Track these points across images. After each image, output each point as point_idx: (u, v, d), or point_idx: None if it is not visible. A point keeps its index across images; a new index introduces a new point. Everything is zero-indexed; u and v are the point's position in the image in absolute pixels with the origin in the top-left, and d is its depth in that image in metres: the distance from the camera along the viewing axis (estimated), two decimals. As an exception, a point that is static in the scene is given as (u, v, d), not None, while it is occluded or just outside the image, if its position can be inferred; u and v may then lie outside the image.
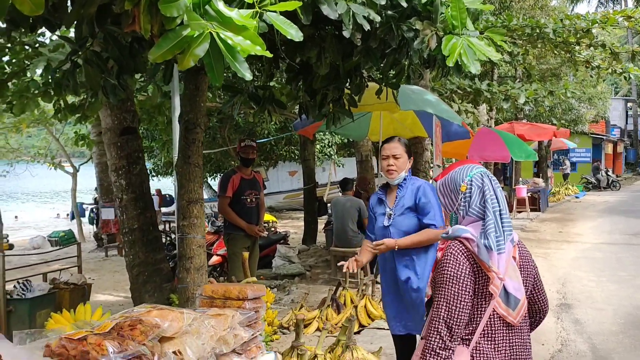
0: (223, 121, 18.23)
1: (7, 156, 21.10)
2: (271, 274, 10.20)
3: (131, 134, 6.94)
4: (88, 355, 1.58)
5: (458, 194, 2.49)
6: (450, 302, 2.31)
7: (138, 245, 6.80)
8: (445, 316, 2.31)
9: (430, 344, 2.32)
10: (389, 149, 3.98)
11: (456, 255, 2.36)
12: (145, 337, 1.70)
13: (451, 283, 2.32)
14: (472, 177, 2.47)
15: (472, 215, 2.43)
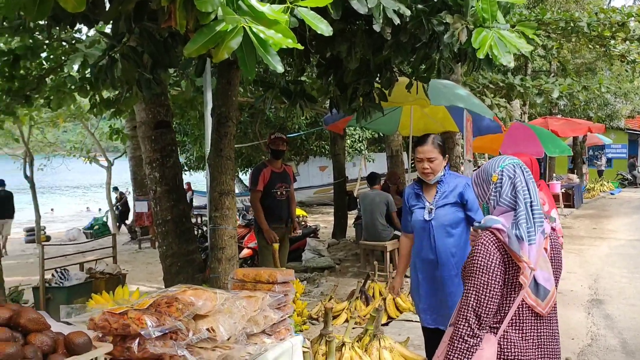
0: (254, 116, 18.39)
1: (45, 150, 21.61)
2: (301, 267, 10.30)
3: (165, 128, 7.08)
4: (129, 329, 1.68)
5: (489, 184, 2.53)
6: (479, 291, 2.36)
7: (171, 236, 6.95)
8: (475, 305, 2.36)
9: (458, 331, 2.39)
10: (422, 153, 3.93)
11: (487, 245, 2.40)
12: (180, 313, 1.79)
13: (481, 272, 2.37)
14: (503, 168, 2.51)
15: (503, 205, 2.47)
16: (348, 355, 4.00)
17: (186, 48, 2.78)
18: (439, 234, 3.90)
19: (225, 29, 2.75)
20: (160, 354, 1.74)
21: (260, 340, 2.29)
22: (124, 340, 1.74)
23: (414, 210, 4.07)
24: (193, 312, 1.86)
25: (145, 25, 4.13)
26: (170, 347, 1.75)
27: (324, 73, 6.36)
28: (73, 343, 1.55)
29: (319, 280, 9.33)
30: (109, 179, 19.44)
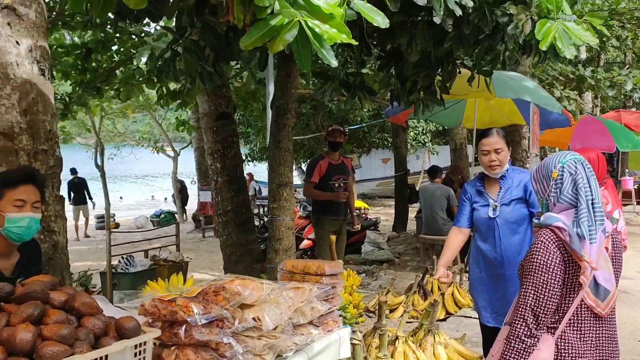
0: (317, 108, 18.49)
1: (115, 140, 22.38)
2: (360, 260, 10.32)
3: (226, 119, 7.22)
4: (176, 315, 1.75)
5: (550, 181, 2.48)
6: (538, 291, 2.32)
7: (231, 226, 7.10)
8: (533, 304, 2.33)
9: (515, 330, 2.35)
10: (489, 144, 3.77)
11: (547, 244, 2.35)
12: (227, 302, 1.84)
13: (541, 272, 2.33)
14: (564, 164, 2.45)
15: (563, 202, 2.42)
16: (401, 349, 4.00)
17: (242, 41, 2.83)
18: (504, 231, 3.78)
19: (281, 23, 2.79)
20: (206, 340, 1.78)
21: (307, 331, 2.32)
22: (172, 326, 1.80)
23: (477, 207, 3.94)
24: (239, 301, 1.91)
25: (207, 20, 4.23)
26: (216, 335, 1.80)
27: (385, 65, 6.34)
28: (123, 327, 1.62)
29: (378, 273, 9.32)
30: (175, 168, 19.95)
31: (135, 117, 22.80)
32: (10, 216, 2.59)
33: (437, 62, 5.94)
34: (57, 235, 3.56)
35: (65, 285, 3.03)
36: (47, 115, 3.58)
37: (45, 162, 3.53)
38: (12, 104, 3.43)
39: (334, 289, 2.53)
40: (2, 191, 2.63)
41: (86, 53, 9.41)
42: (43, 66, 3.59)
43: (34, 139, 3.49)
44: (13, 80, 3.44)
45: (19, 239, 2.67)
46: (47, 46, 3.66)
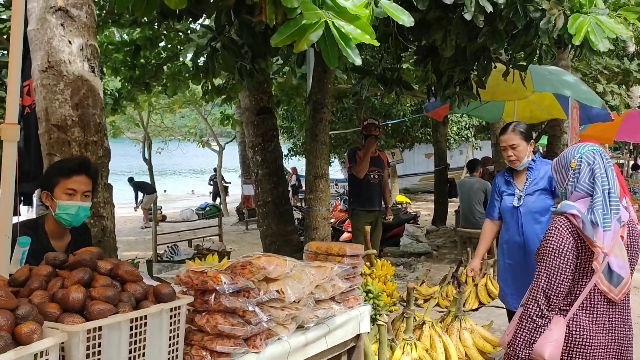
0: (359, 103, 18.59)
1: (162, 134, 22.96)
2: (398, 252, 10.46)
3: (267, 114, 7.47)
4: (207, 284, 1.97)
5: (568, 171, 2.59)
6: (550, 274, 2.46)
7: (270, 217, 7.35)
8: (545, 287, 2.46)
9: (528, 311, 2.50)
10: (504, 141, 3.97)
11: (560, 229, 2.47)
12: (252, 275, 2.06)
13: (553, 256, 2.46)
14: (582, 154, 2.56)
15: (580, 191, 2.53)
16: (427, 333, 4.15)
17: (273, 39, 3.05)
18: (527, 220, 3.92)
19: (309, 23, 3.00)
20: (234, 307, 2.00)
21: (329, 306, 2.52)
22: (203, 294, 2.03)
23: (504, 197, 4.09)
24: (264, 275, 2.12)
25: (244, 18, 4.46)
26: (242, 303, 2.01)
27: (422, 60, 6.45)
28: (160, 293, 1.84)
29: (415, 266, 9.45)
30: (220, 162, 20.37)
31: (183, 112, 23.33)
32: (62, 203, 2.87)
33: (473, 57, 6.03)
34: (106, 220, 3.85)
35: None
36: (97, 109, 3.87)
37: (95, 152, 3.81)
38: (65, 98, 3.73)
39: (355, 269, 2.73)
40: (58, 179, 2.92)
41: (135, 50, 9.77)
42: (93, 63, 3.87)
43: (85, 131, 3.78)
44: (66, 77, 3.73)
45: (67, 224, 2.95)
46: (96, 45, 3.94)
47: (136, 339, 1.75)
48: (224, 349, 1.95)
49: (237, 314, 2.04)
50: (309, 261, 2.67)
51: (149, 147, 18.00)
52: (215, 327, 1.96)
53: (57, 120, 3.72)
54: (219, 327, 1.96)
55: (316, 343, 2.42)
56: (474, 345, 4.32)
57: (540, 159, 4.08)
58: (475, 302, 6.81)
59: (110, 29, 13.92)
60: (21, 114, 3.96)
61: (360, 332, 2.79)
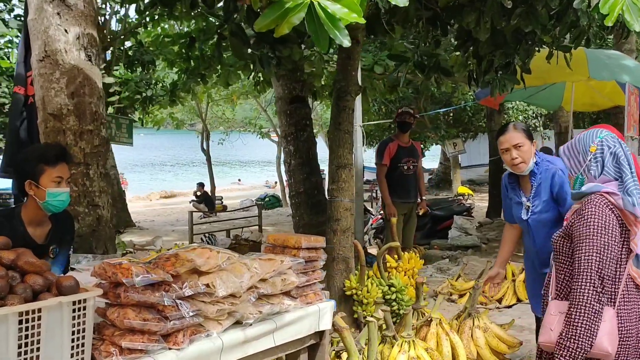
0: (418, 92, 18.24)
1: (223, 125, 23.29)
2: (446, 245, 10.17)
3: (300, 103, 7.36)
4: (117, 277, 1.89)
5: (587, 155, 2.46)
6: (601, 253, 2.24)
7: (303, 207, 7.26)
8: (598, 268, 2.23)
9: (584, 297, 2.21)
10: (506, 141, 3.49)
11: (601, 207, 2.31)
12: (173, 267, 1.96)
13: (600, 234, 2.26)
14: (602, 139, 2.46)
15: (607, 175, 2.40)
16: (434, 331, 3.95)
17: (256, 23, 2.90)
18: (537, 233, 3.57)
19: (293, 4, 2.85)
20: (146, 301, 1.91)
21: (279, 301, 2.39)
22: (116, 287, 1.95)
23: (513, 204, 3.71)
24: (190, 268, 2.01)
25: (250, 4, 4.35)
26: (158, 297, 1.91)
27: (462, 45, 6.20)
28: (61, 285, 1.77)
29: (461, 259, 9.14)
30: (279, 153, 20.46)
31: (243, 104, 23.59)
32: (52, 191, 2.88)
33: (513, 40, 5.73)
34: (101, 210, 3.86)
35: (109, 255, 3.31)
36: (94, 98, 3.87)
37: (91, 141, 3.82)
38: (61, 87, 3.75)
39: (313, 262, 2.58)
40: (42, 167, 2.92)
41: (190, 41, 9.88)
42: (90, 52, 3.88)
43: (80, 120, 3.79)
44: (62, 66, 3.75)
45: (56, 210, 2.97)
46: (95, 34, 3.95)
47: (27, 333, 1.67)
48: (132, 345, 1.86)
49: (156, 308, 1.95)
50: (260, 253, 2.54)
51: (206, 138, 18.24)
52: (128, 322, 1.87)
53: (52, 109, 3.74)
54: (130, 322, 1.87)
55: (260, 340, 2.30)
56: (487, 345, 4.08)
57: (542, 157, 3.69)
58: (513, 299, 6.52)
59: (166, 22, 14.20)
60: (24, 103, 4.01)
61: (321, 329, 2.64)
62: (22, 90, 3.98)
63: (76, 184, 3.73)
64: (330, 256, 5.57)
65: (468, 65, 6.84)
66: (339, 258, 5.49)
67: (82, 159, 3.77)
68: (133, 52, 12.80)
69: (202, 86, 14.49)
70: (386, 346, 3.74)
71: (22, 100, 3.98)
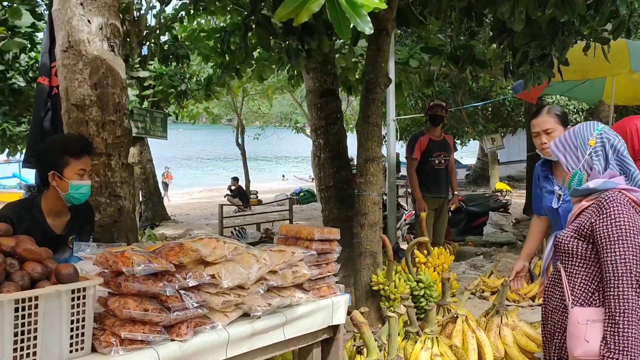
0: (457, 86, 17.99)
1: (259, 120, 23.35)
2: (480, 241, 9.98)
3: (330, 96, 7.26)
4: (117, 265, 1.84)
5: (585, 149, 2.31)
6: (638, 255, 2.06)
7: (332, 201, 7.17)
8: (637, 271, 2.05)
9: (629, 303, 2.01)
10: (537, 125, 3.42)
11: (626, 205, 2.13)
12: (176, 257, 1.90)
13: (633, 234, 2.07)
14: (601, 131, 2.32)
15: (612, 168, 2.25)
16: (459, 328, 3.83)
17: (277, 13, 2.85)
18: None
19: (313, -8, 2.78)
20: (145, 290, 1.86)
21: (290, 294, 2.33)
22: (118, 276, 1.90)
23: (544, 193, 3.55)
24: (194, 258, 1.96)
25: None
26: (160, 287, 1.87)
27: (497, 37, 6.07)
28: (60, 273, 1.74)
29: (496, 256, 8.96)
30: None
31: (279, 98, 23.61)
32: (75, 183, 2.89)
33: (550, 31, 5.57)
34: (123, 200, 3.84)
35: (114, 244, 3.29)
36: (117, 89, 3.85)
37: (113, 132, 3.81)
38: (84, 78, 3.74)
39: (327, 255, 2.51)
40: (67, 159, 2.92)
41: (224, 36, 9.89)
42: (113, 43, 3.86)
43: (103, 110, 3.77)
44: (85, 57, 3.74)
45: (77, 202, 2.98)
46: (118, 24, 3.93)
47: (24, 321, 1.64)
48: (132, 336, 1.81)
49: (159, 298, 1.90)
50: (271, 244, 2.48)
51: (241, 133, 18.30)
52: (127, 312, 1.82)
53: (76, 99, 3.74)
54: (130, 312, 1.82)
55: (269, 334, 2.23)
56: (515, 343, 3.94)
57: None
58: (545, 296, 6.32)
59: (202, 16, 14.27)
60: (49, 94, 4.03)
61: (334, 324, 2.56)
62: (47, 80, 4.00)
63: (98, 175, 3.72)
64: (358, 250, 5.50)
65: (504, 58, 6.68)
66: (367, 252, 5.41)
67: (104, 149, 3.75)
68: (168, 46, 12.90)
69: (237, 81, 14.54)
70: (409, 342, 3.64)
71: (47, 90, 4.00)
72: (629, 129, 2.84)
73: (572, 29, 5.72)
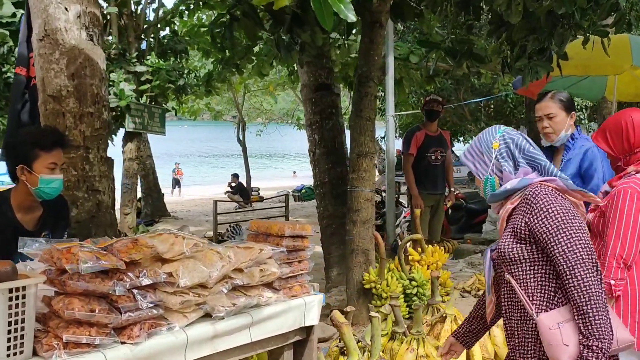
0: (459, 83, 17.83)
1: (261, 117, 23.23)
2: (479, 239, 9.84)
3: (325, 90, 7.13)
4: (62, 262, 1.72)
5: (490, 153, 2.23)
6: (583, 239, 1.99)
7: (327, 198, 7.04)
8: (588, 255, 1.97)
9: (591, 289, 1.94)
10: (540, 109, 3.46)
11: (553, 194, 2.05)
12: (127, 254, 1.78)
13: (570, 220, 1.99)
14: (502, 133, 2.25)
15: (523, 166, 2.16)
16: (448, 327, 3.71)
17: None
18: None
19: (292, -24, 2.65)
20: (94, 290, 1.74)
21: (258, 294, 2.20)
22: (63, 274, 1.78)
23: None
24: (149, 255, 1.84)
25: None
26: (110, 286, 1.74)
27: (495, 31, 5.93)
28: (-4, 271, 1.61)
29: (494, 254, 8.82)
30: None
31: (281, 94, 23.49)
32: (45, 177, 2.75)
33: (548, 24, 5.43)
34: (102, 195, 3.72)
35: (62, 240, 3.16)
36: (95, 80, 3.73)
37: (91, 124, 3.68)
38: (61, 68, 3.62)
39: (299, 252, 2.38)
40: (37, 152, 2.78)
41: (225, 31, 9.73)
42: (92, 32, 3.73)
43: (81, 102, 3.65)
44: (62, 46, 3.62)
45: (48, 197, 2.85)
46: (98, 12, 3.80)
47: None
48: (75, 338, 1.68)
49: (109, 298, 1.77)
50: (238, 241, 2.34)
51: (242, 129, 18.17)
52: (71, 312, 1.70)
53: (52, 90, 3.62)
54: (74, 313, 1.69)
55: (233, 335, 2.10)
56: (505, 344, 3.81)
57: (581, 135, 3.52)
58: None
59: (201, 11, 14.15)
60: (27, 85, 3.91)
61: (307, 325, 2.43)
62: (24, 71, 3.88)
63: (75, 168, 3.60)
64: (350, 248, 5.38)
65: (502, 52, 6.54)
66: (359, 250, 5.30)
67: (81, 142, 3.63)
68: (166, 41, 12.80)
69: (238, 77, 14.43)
70: (395, 343, 3.52)
71: (24, 82, 3.88)
72: (624, 122, 2.71)
73: (572, 22, 5.57)
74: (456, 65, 6.71)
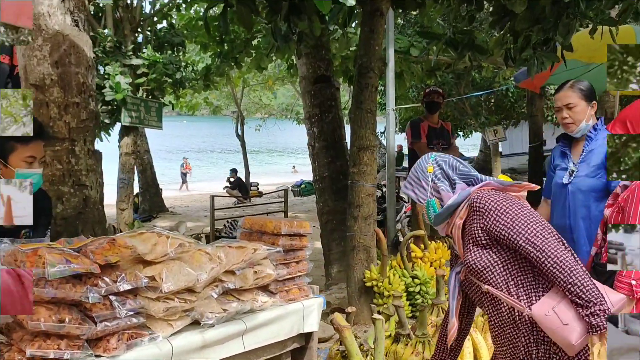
0: (459, 77, 17.63)
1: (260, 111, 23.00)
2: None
3: (324, 82, 6.92)
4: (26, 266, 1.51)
5: (427, 178, 2.34)
6: (537, 223, 2.05)
7: (327, 193, 6.84)
8: (548, 234, 2.05)
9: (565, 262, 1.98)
10: (559, 99, 3.32)
11: (494, 193, 2.13)
12: (101, 256, 1.57)
13: (519, 209, 2.05)
14: (434, 157, 2.37)
15: (459, 182, 2.25)
16: (455, 330, 3.52)
17: None
18: (574, 201, 3.29)
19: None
20: (64, 298, 1.54)
21: (252, 298, 2.00)
22: (29, 279, 1.57)
23: (557, 171, 3.46)
24: (127, 257, 1.63)
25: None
26: (82, 293, 1.54)
27: (498, 21, 5.73)
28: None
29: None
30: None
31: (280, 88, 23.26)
32: (21, 172, 2.54)
33: (553, 14, 5.25)
34: (89, 190, 3.52)
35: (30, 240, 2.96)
36: (81, 68, 3.53)
37: (77, 115, 3.48)
38: (44, 55, 3.41)
39: (297, 252, 2.17)
40: (13, 145, 2.57)
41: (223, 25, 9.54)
42: (77, 17, 3.53)
43: (65, 91, 3.45)
44: (45, 32, 3.41)
45: None
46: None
47: None
48: (42, 353, 1.48)
49: (82, 306, 1.57)
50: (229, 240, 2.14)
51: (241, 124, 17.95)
52: (36, 324, 1.49)
53: (35, 79, 3.41)
54: (39, 324, 1.49)
55: (225, 345, 1.91)
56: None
57: (603, 125, 3.34)
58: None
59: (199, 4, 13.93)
60: (9, 74, 3.70)
61: (306, 331, 2.23)
62: (7, 59, 3.67)
63: (60, 162, 3.40)
64: (351, 245, 5.20)
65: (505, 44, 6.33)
66: (360, 247, 5.12)
67: (67, 134, 3.43)
68: (163, 33, 12.59)
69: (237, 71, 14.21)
70: (400, 346, 3.32)
71: (7, 70, 3.67)
72: None
73: (577, 11, 5.38)
74: (458, 57, 6.53)
